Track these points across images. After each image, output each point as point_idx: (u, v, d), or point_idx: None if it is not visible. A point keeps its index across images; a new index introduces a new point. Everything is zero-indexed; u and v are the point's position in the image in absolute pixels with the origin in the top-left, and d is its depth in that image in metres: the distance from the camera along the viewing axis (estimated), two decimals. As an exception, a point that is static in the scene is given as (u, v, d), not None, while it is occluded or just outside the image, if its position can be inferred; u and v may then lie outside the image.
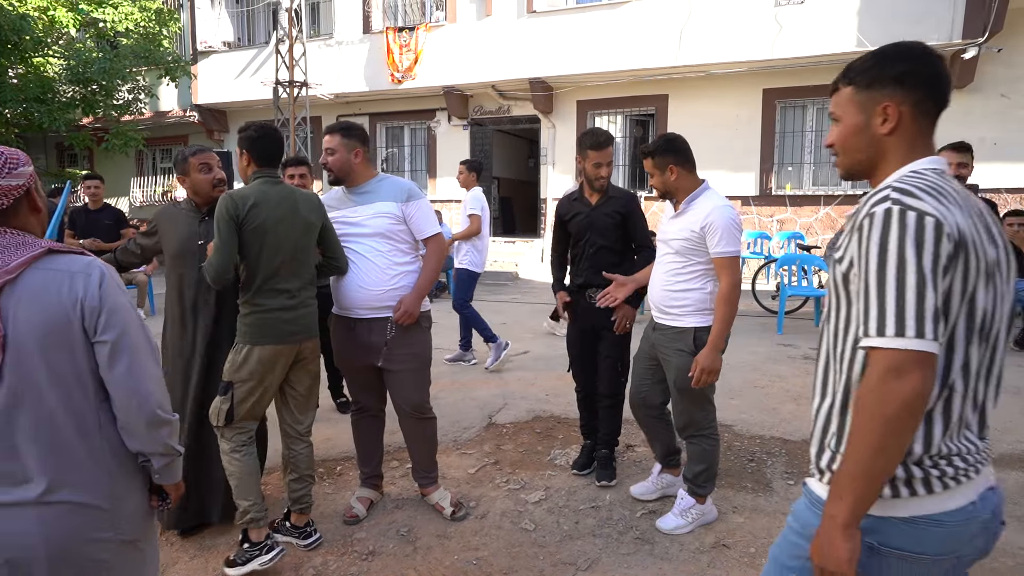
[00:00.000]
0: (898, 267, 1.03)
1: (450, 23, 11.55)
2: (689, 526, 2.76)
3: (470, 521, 2.89)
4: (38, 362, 1.24)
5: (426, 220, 2.79)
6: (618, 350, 3.20)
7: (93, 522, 1.30)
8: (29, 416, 1.24)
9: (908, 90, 1.18)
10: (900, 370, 1.01)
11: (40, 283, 1.25)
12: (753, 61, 9.63)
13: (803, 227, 10.09)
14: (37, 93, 10.87)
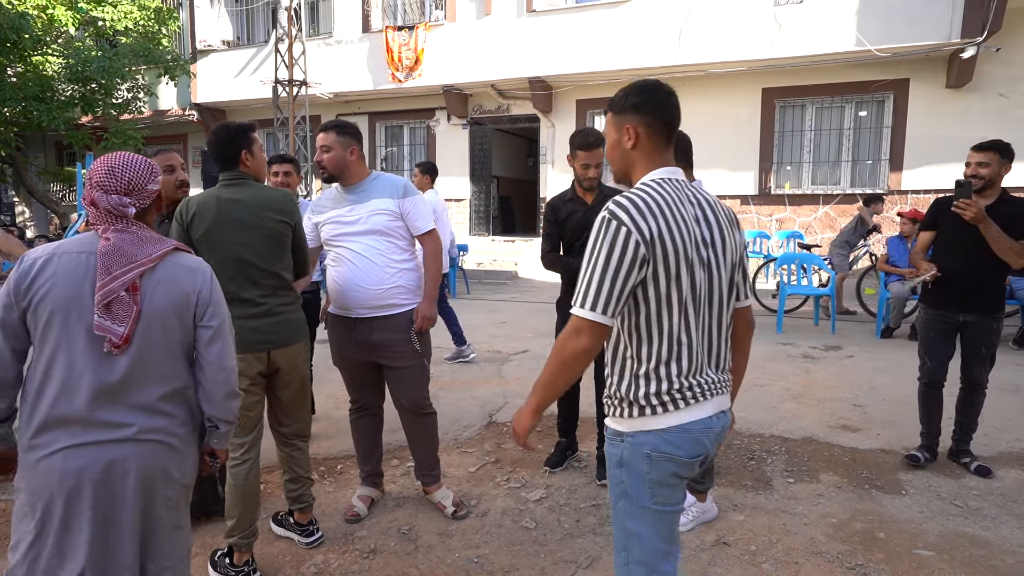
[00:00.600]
0: (595, 260, 1.45)
1: (449, 22, 11.55)
2: (690, 524, 2.76)
3: (471, 519, 2.90)
4: (159, 335, 1.59)
5: (422, 215, 2.79)
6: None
7: (170, 459, 1.62)
8: (141, 372, 1.56)
9: (643, 115, 1.57)
10: (579, 331, 1.47)
11: (171, 274, 1.61)
12: (752, 60, 9.64)
13: (802, 226, 10.11)
14: (36, 92, 10.87)
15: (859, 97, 9.78)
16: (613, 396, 1.62)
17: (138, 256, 1.56)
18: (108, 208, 1.56)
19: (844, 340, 6.02)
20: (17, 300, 1.51)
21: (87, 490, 1.51)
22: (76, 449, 1.51)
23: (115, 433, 1.53)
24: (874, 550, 2.56)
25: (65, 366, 1.51)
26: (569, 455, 3.44)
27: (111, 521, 1.55)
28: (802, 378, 4.86)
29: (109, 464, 1.53)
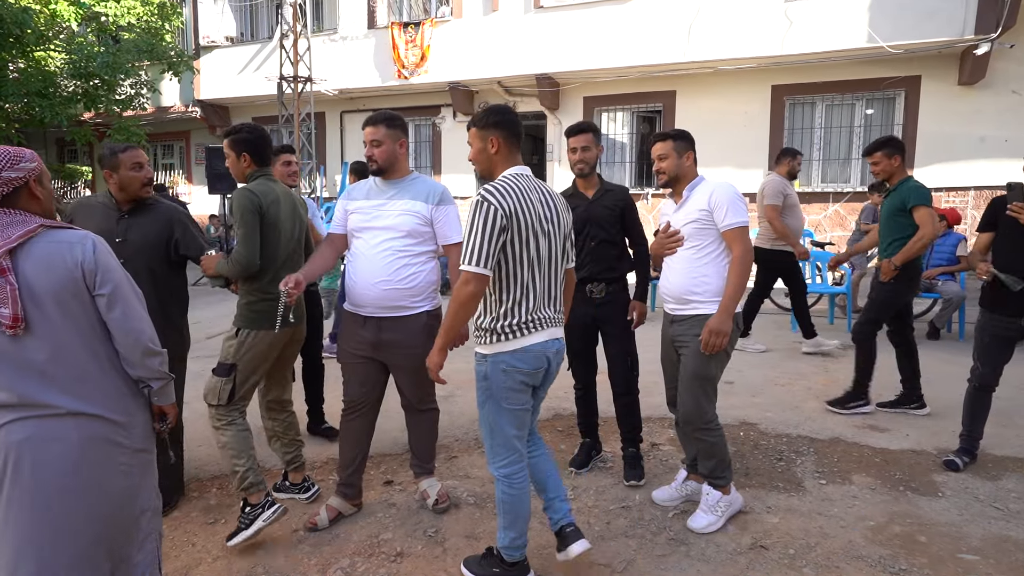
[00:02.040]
0: (474, 229, 2.08)
1: (456, 18, 11.46)
2: (720, 520, 2.72)
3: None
4: (56, 312, 1.63)
5: (452, 226, 2.72)
6: (626, 344, 3.17)
7: (113, 430, 1.72)
8: (56, 354, 1.63)
9: (501, 129, 2.21)
10: (467, 281, 2.08)
11: (46, 252, 1.63)
12: (762, 57, 9.57)
13: (812, 224, 10.03)
14: (39, 87, 10.76)
15: (870, 94, 9.71)
16: (480, 328, 2.22)
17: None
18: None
19: (861, 339, 5.94)
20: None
21: (27, 459, 1.60)
22: (17, 423, 1.61)
23: (50, 411, 1.63)
24: (916, 554, 2.50)
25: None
26: (594, 455, 3.37)
27: (60, 488, 1.64)
28: (822, 377, 4.79)
29: (50, 437, 1.63)
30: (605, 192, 3.14)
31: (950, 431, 3.68)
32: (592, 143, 3.08)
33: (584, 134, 3.08)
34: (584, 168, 3.10)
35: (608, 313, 3.13)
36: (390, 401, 2.99)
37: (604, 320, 3.14)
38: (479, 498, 3.03)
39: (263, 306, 2.69)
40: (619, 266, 3.16)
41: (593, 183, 3.16)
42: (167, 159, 16.07)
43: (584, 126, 3.12)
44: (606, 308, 3.13)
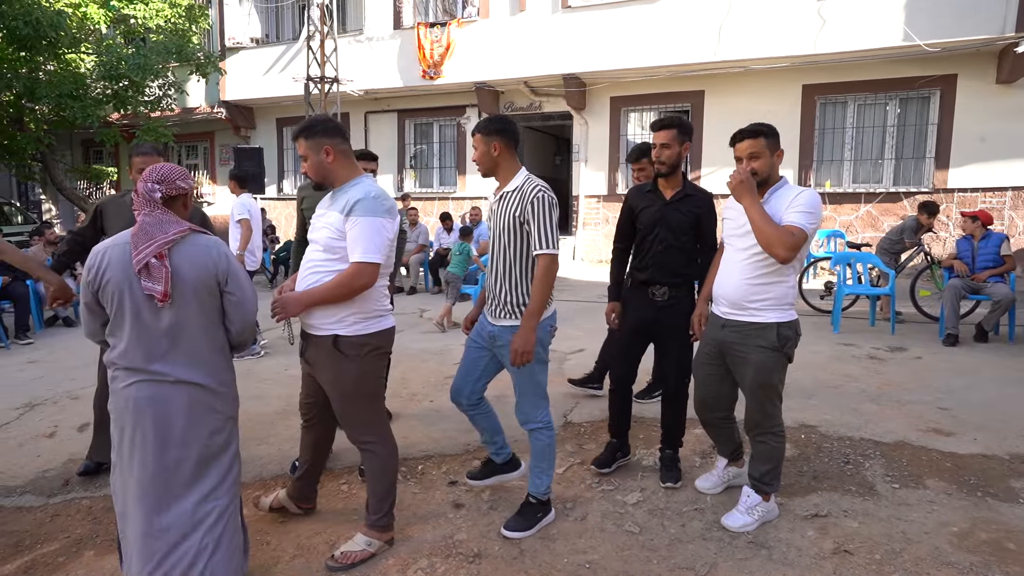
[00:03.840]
0: (547, 219, 2.52)
1: (482, 18, 11.47)
2: (755, 523, 2.71)
3: (571, 522, 2.81)
4: (192, 299, 2.09)
5: (355, 241, 2.31)
6: (683, 349, 3.12)
7: (212, 398, 2.16)
8: (183, 331, 2.08)
9: (503, 136, 2.60)
10: (553, 262, 2.54)
11: (191, 251, 2.11)
12: (794, 56, 9.49)
13: (843, 225, 9.94)
14: (71, 89, 10.87)
15: (903, 93, 9.60)
16: (521, 303, 2.62)
17: (156, 235, 2.05)
18: (142, 192, 2.09)
19: (906, 341, 5.87)
20: (91, 287, 2.06)
21: (149, 412, 2.05)
22: (144, 383, 2.06)
23: (168, 379, 2.06)
24: (1008, 562, 2.44)
25: (130, 327, 2.05)
26: (619, 457, 3.28)
27: (172, 437, 2.08)
28: (875, 379, 4.73)
29: (166, 397, 2.06)
30: (685, 196, 3.03)
31: (1016, 435, 3.62)
32: (674, 140, 2.92)
33: (666, 130, 2.93)
34: (662, 168, 2.99)
35: (669, 316, 3.06)
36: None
37: (663, 323, 3.08)
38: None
39: None
40: (685, 272, 3.07)
41: (674, 183, 3.04)
42: (191, 159, 16.20)
43: (667, 121, 2.96)
44: (667, 311, 3.07)
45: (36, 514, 2.94)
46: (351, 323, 2.39)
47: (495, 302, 2.68)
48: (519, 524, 2.69)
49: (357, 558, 2.49)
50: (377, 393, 2.59)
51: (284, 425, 3.99)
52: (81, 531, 2.77)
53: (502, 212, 2.63)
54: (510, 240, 2.60)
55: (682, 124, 2.98)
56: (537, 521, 2.73)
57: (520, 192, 2.57)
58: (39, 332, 6.90)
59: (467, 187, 12.51)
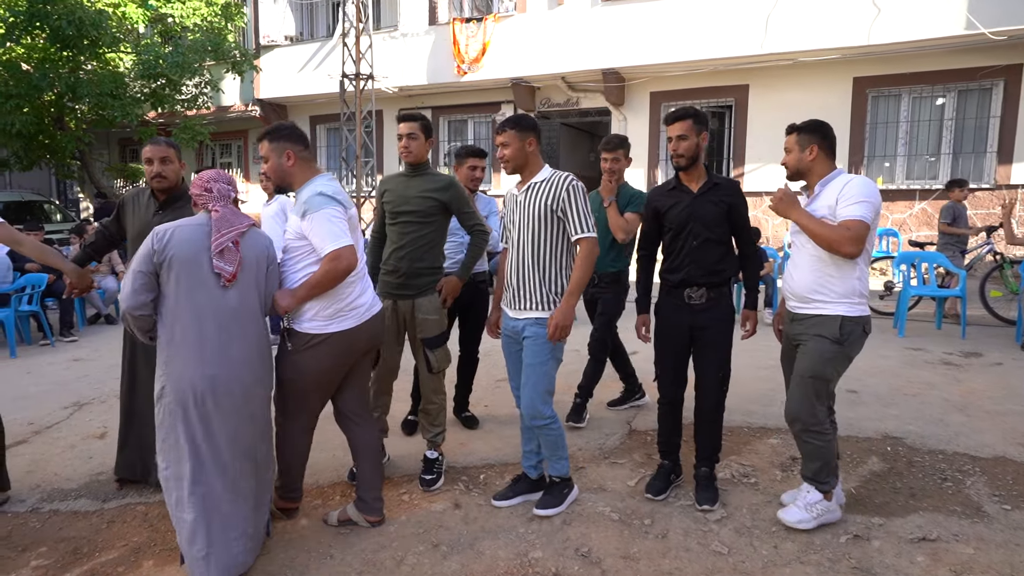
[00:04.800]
0: (582, 204, 2.64)
1: (519, 13, 11.28)
2: (813, 521, 2.62)
3: (652, 540, 2.61)
4: (252, 277, 2.37)
5: (319, 236, 2.39)
6: (721, 356, 2.89)
7: (260, 372, 2.40)
8: (242, 311, 2.33)
9: (536, 133, 2.73)
10: (594, 244, 2.65)
11: (252, 239, 2.41)
12: (847, 48, 9.12)
13: (895, 223, 9.54)
14: (110, 88, 10.96)
15: (963, 85, 9.17)
16: (552, 293, 2.69)
17: (236, 224, 2.34)
18: (220, 191, 2.36)
19: (980, 346, 5.53)
20: (151, 258, 2.22)
21: (220, 388, 2.25)
22: (211, 361, 2.24)
23: (229, 354, 2.27)
24: None
25: (191, 305, 2.23)
26: (673, 479, 3.04)
27: (238, 410, 2.30)
28: (956, 387, 4.43)
29: (234, 376, 2.28)
30: (713, 186, 2.85)
31: None
32: (690, 131, 2.78)
33: (680, 122, 2.80)
34: (681, 161, 2.83)
35: (707, 320, 2.85)
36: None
37: (701, 328, 2.86)
38: (624, 514, 2.81)
39: None
40: (722, 269, 2.86)
41: (697, 175, 2.87)
42: (225, 158, 16.30)
43: (681, 112, 2.84)
44: (705, 315, 2.85)
45: (92, 519, 2.83)
46: (307, 320, 2.51)
47: (519, 295, 2.74)
48: (549, 503, 2.82)
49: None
50: (312, 389, 2.59)
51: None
52: (139, 539, 2.66)
53: (530, 203, 2.70)
54: (540, 230, 2.68)
55: (697, 114, 2.84)
56: (565, 497, 2.86)
57: (551, 182, 2.68)
58: (82, 330, 6.90)
59: (502, 184, 12.33)
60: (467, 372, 3.88)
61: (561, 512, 2.81)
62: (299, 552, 2.55)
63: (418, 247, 3.04)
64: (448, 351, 3.15)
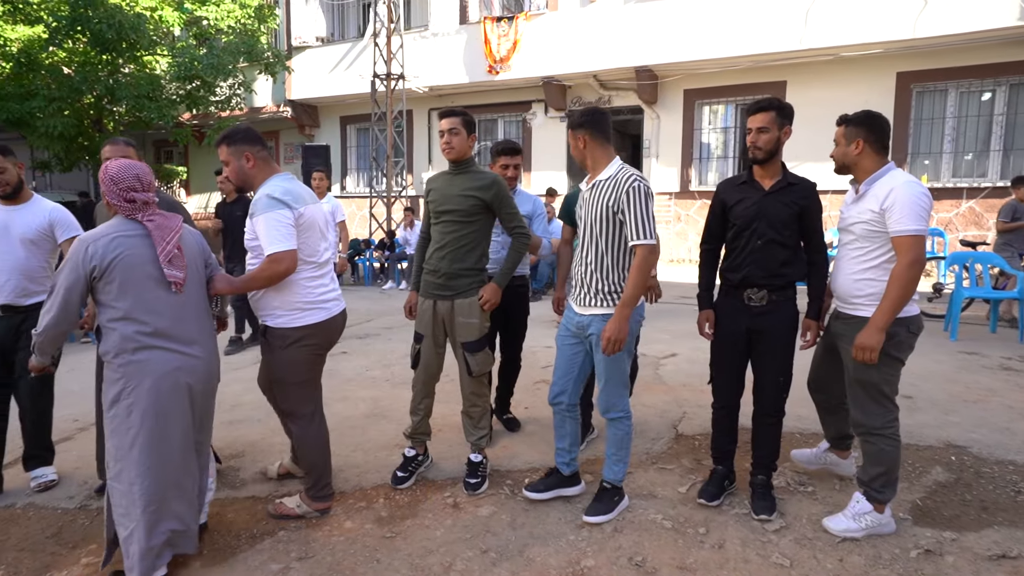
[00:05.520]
0: (644, 208, 2.56)
1: (551, 11, 11.18)
2: (861, 532, 2.54)
3: (708, 550, 2.50)
4: (195, 275, 2.42)
5: (262, 239, 2.51)
6: (782, 360, 2.75)
7: (215, 367, 2.47)
8: (192, 303, 2.39)
9: (586, 128, 2.64)
10: (653, 251, 2.56)
11: (188, 238, 2.45)
12: (891, 42, 8.84)
13: (941, 222, 9.22)
14: (148, 90, 11.14)
15: (1015, 79, 8.81)
16: (613, 291, 2.65)
17: (173, 227, 2.35)
18: (143, 199, 2.32)
19: (1038, 350, 5.29)
20: (87, 274, 2.21)
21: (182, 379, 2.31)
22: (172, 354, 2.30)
23: (194, 356, 2.35)
24: None
25: (144, 308, 2.25)
26: (727, 486, 2.93)
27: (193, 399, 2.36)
28: (1018, 394, 4.22)
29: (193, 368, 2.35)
30: (787, 185, 2.71)
31: None
32: (772, 123, 2.64)
33: (762, 113, 2.67)
34: (758, 154, 2.70)
35: (767, 324, 2.72)
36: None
37: (761, 332, 2.74)
38: (677, 521, 2.71)
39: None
40: (786, 272, 2.71)
41: (773, 172, 2.74)
42: (257, 159, 16.47)
43: (764, 104, 2.70)
44: (765, 319, 2.72)
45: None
46: (277, 316, 2.64)
47: (584, 290, 2.71)
48: (599, 510, 2.75)
49: (284, 512, 2.79)
50: (305, 381, 2.73)
51: (376, 430, 3.81)
52: (184, 539, 2.63)
53: (594, 201, 2.65)
54: (603, 229, 2.64)
55: (781, 106, 2.69)
56: (615, 505, 2.78)
57: (614, 181, 2.61)
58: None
59: (532, 184, 12.24)
60: (509, 375, 3.79)
61: (611, 520, 2.73)
62: (344, 556, 2.50)
63: (459, 247, 2.97)
64: (490, 355, 3.07)
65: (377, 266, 11.15)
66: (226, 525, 2.74)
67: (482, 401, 3.09)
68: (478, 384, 3.06)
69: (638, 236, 2.55)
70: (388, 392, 4.53)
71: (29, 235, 3.04)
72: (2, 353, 3.05)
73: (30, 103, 10.20)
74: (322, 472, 2.79)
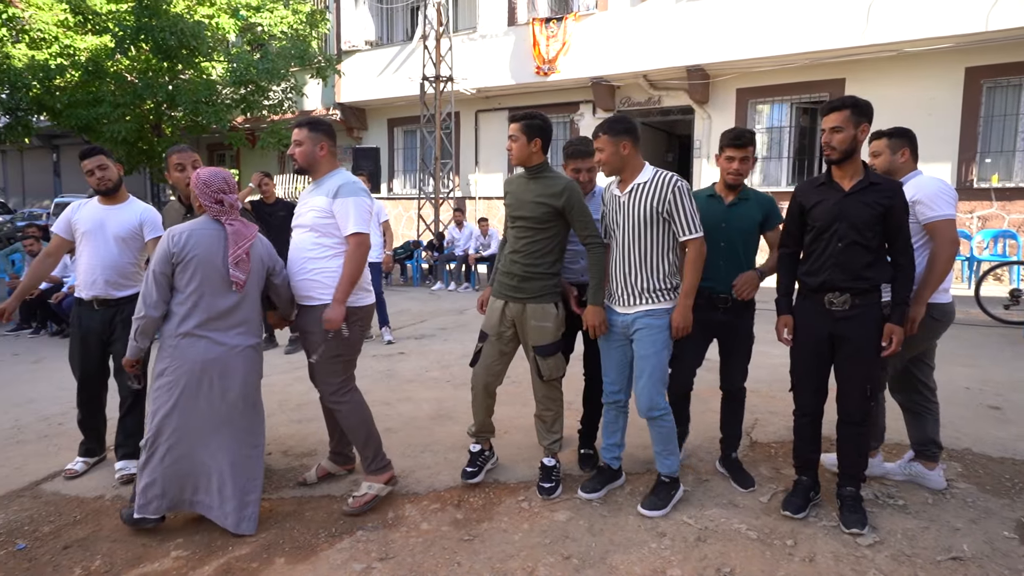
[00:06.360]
0: (690, 205, 2.71)
1: (600, 11, 11.10)
2: (902, 475, 2.99)
3: (798, 564, 2.41)
4: (255, 280, 2.71)
5: (347, 217, 2.76)
6: (869, 368, 2.63)
7: (253, 359, 2.77)
8: (247, 302, 2.70)
9: (632, 135, 2.76)
10: (702, 243, 2.71)
11: (257, 246, 2.74)
12: (960, 36, 8.48)
13: (1013, 224, 8.80)
14: (205, 95, 11.49)
15: (1095, 73, 8.36)
16: (668, 288, 2.77)
17: (247, 235, 2.66)
18: (230, 202, 2.63)
19: None
20: (170, 260, 2.54)
21: (218, 368, 2.62)
22: (213, 345, 2.61)
23: (235, 347, 2.66)
24: None
25: (207, 301, 2.58)
26: (812, 497, 2.80)
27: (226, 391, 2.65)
28: (1117, 406, 3.98)
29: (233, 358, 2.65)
30: (869, 185, 2.58)
31: None
32: (847, 122, 2.55)
33: (835, 112, 2.58)
34: (833, 154, 2.60)
35: (849, 330, 2.60)
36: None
37: (843, 338, 2.62)
38: (762, 532, 2.62)
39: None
40: (869, 275, 2.59)
41: (853, 172, 2.62)
42: (306, 161, 16.82)
43: (838, 103, 2.61)
44: (847, 324, 2.61)
45: (220, 514, 2.87)
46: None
47: (628, 292, 2.80)
48: (655, 503, 2.81)
49: (367, 500, 2.87)
50: (352, 360, 2.96)
51: (443, 431, 3.81)
52: (268, 536, 2.67)
53: (635, 205, 2.75)
54: (649, 230, 2.74)
55: (856, 104, 2.58)
56: (671, 498, 2.85)
57: (656, 184, 2.72)
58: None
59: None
60: (596, 400, 3.26)
61: (666, 513, 2.79)
62: (424, 558, 2.50)
63: (532, 252, 2.91)
64: (562, 359, 3.01)
65: (425, 267, 11.24)
66: (304, 523, 2.77)
67: (555, 405, 3.05)
68: (551, 388, 3.02)
69: (689, 231, 2.71)
70: (451, 393, 4.54)
71: (122, 234, 3.21)
72: (100, 345, 3.23)
73: (97, 109, 10.62)
74: (376, 443, 2.96)
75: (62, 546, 2.60)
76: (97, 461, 3.33)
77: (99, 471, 3.30)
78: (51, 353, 6.05)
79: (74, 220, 3.22)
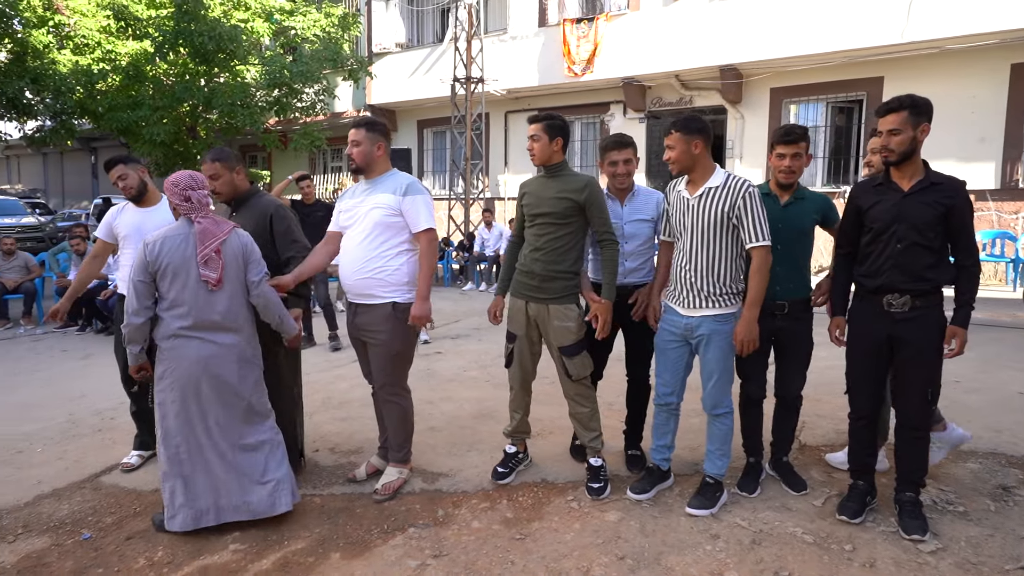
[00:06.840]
0: (759, 212, 2.66)
1: (632, 11, 11.05)
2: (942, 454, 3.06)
3: (858, 568, 2.37)
4: (234, 275, 2.68)
5: (418, 214, 2.85)
6: (929, 372, 2.57)
7: (248, 354, 2.75)
8: (229, 304, 2.67)
9: (704, 135, 2.71)
10: (769, 252, 2.66)
11: (233, 241, 2.70)
12: (1006, 31, 8.25)
13: (1060, 226, 8.54)
14: (240, 98, 11.70)
15: None
16: (734, 292, 2.75)
17: (217, 233, 2.64)
18: (199, 199, 2.64)
19: None
20: (147, 269, 2.58)
21: (212, 366, 2.64)
22: (204, 343, 2.63)
23: (223, 343, 2.66)
24: None
25: (190, 303, 2.60)
26: (869, 501, 2.75)
27: (228, 382, 2.67)
28: None
29: (223, 356, 2.66)
30: (929, 185, 2.52)
31: None
32: (905, 124, 2.49)
33: (893, 114, 2.52)
34: (891, 156, 2.54)
35: (910, 332, 2.55)
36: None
37: (903, 340, 2.57)
38: (818, 536, 2.58)
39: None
40: (931, 276, 2.53)
41: (911, 172, 2.56)
42: (336, 162, 17.03)
43: (894, 104, 2.54)
44: (907, 326, 2.55)
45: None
46: (405, 292, 2.92)
47: (692, 294, 2.78)
48: (702, 503, 2.82)
49: (396, 486, 3.03)
50: (412, 355, 3.10)
51: (487, 431, 3.82)
52: (321, 531, 2.71)
53: (705, 209, 2.72)
54: (718, 235, 2.72)
55: (915, 103, 2.51)
56: (717, 500, 2.84)
57: (728, 188, 2.69)
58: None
59: (608, 186, 12.13)
60: (639, 401, 3.31)
61: (713, 514, 2.78)
62: (478, 556, 2.51)
63: (554, 249, 2.92)
64: (588, 358, 2.97)
65: (456, 267, 11.29)
66: (356, 519, 2.80)
67: (589, 402, 3.03)
68: (580, 386, 3.01)
69: (757, 238, 2.65)
70: (491, 393, 4.55)
71: None
72: None
73: (136, 112, 10.88)
74: (411, 435, 3.14)
75: (125, 537, 2.67)
76: (151, 455, 3.41)
77: (153, 464, 3.38)
78: (99, 349, 6.21)
79: (115, 224, 3.45)
